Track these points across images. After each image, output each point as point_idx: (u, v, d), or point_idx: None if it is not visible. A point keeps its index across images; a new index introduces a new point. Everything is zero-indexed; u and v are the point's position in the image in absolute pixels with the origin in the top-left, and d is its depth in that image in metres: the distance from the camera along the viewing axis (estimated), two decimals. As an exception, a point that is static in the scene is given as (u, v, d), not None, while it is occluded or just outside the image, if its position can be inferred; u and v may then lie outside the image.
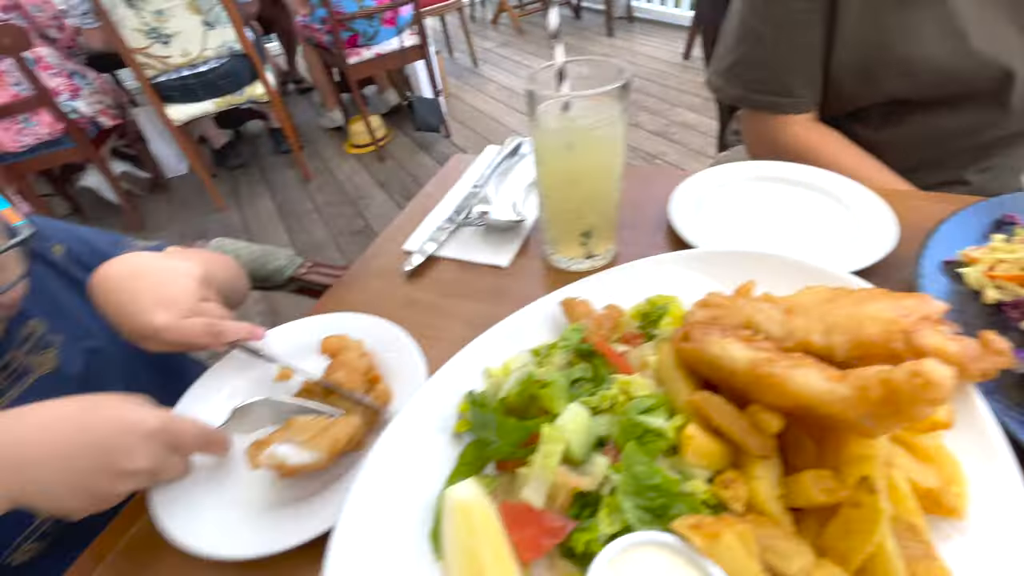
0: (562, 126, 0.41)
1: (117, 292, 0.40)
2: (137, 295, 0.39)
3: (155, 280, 0.40)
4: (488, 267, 0.52)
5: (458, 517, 0.27)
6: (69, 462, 0.29)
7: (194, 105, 2.22)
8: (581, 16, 4.25)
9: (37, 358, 0.44)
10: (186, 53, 2.09)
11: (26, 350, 0.44)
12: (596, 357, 0.33)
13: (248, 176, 2.78)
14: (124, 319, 0.39)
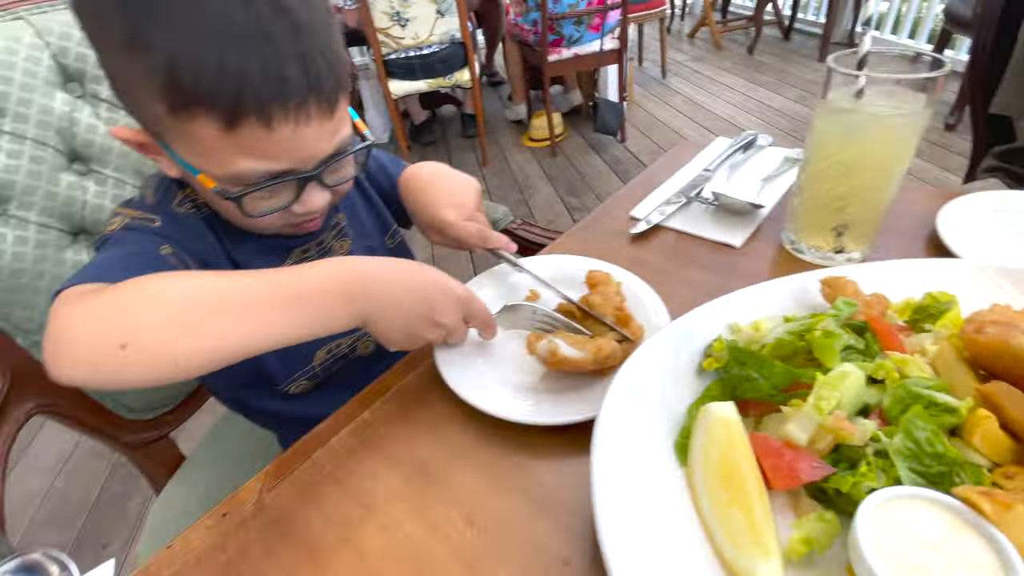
0: (852, 109, 0.41)
1: (421, 190, 0.50)
2: (436, 193, 0.49)
3: (450, 184, 0.49)
4: (718, 244, 0.53)
5: (719, 430, 0.29)
6: (403, 303, 0.37)
7: (410, 83, 2.53)
8: (791, 37, 3.96)
9: (338, 243, 0.56)
10: (416, 36, 2.39)
11: (333, 235, 0.55)
12: (867, 333, 0.33)
13: (436, 153, 3.09)
14: (422, 210, 0.49)
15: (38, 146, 0.59)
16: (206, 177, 0.39)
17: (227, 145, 0.36)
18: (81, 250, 0.63)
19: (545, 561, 0.30)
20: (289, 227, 0.46)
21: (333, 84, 0.38)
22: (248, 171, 0.38)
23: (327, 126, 0.39)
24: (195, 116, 0.35)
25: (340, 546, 0.32)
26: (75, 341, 0.32)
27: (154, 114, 0.36)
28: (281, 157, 0.38)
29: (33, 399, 0.62)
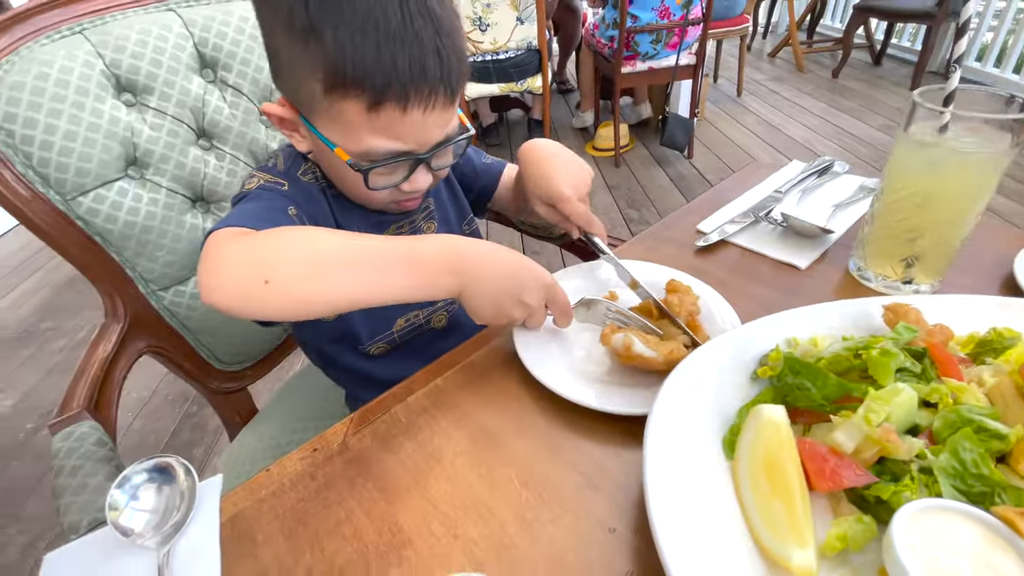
0: (934, 143, 0.42)
1: (539, 163, 0.55)
2: (555, 168, 0.53)
3: (567, 162, 0.54)
4: (783, 264, 0.54)
5: (768, 429, 0.32)
6: (497, 281, 0.42)
7: (484, 86, 2.61)
8: (882, 63, 3.77)
9: (426, 224, 0.62)
10: (495, 42, 2.47)
11: (422, 216, 0.62)
12: (926, 359, 0.34)
13: (501, 155, 3.15)
14: (539, 182, 0.54)
15: (175, 122, 0.68)
16: (342, 151, 0.45)
17: (366, 125, 0.43)
18: (198, 215, 0.72)
19: (592, 525, 0.34)
20: (393, 204, 0.53)
21: (458, 77, 0.44)
22: (378, 149, 0.45)
23: (446, 115, 0.46)
24: (347, 97, 0.42)
25: (412, 488, 0.37)
26: (228, 274, 0.38)
27: (310, 92, 0.43)
28: (407, 139, 0.45)
29: (145, 340, 0.72)
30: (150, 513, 0.36)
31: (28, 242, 2.72)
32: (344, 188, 0.53)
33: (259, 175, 0.52)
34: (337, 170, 0.50)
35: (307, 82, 0.43)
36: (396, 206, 0.54)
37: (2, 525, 1.37)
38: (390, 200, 0.52)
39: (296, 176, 0.53)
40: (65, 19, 0.62)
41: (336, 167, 0.49)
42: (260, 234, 0.40)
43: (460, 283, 0.41)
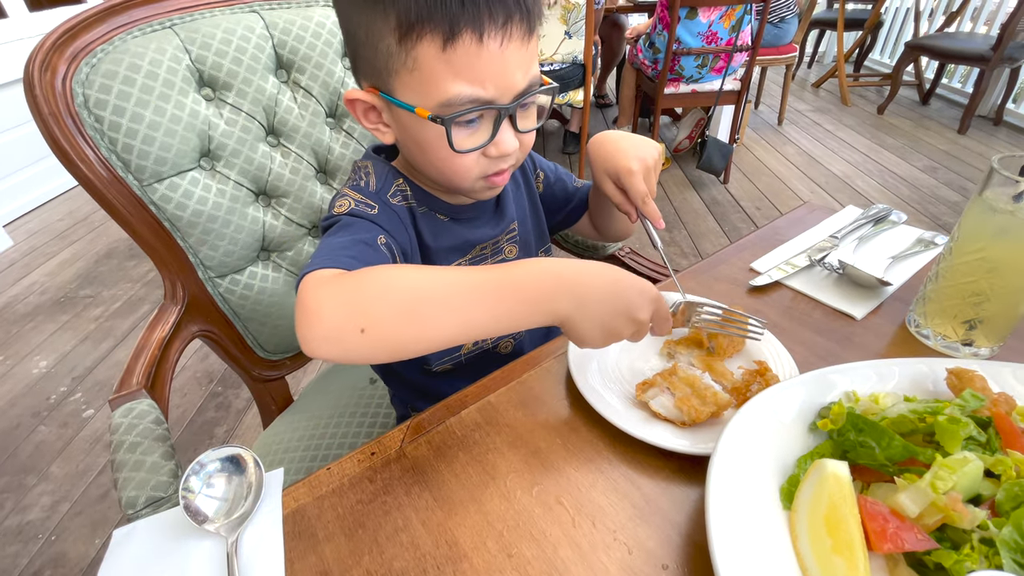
0: (1007, 210, 0.42)
1: (610, 142, 0.57)
2: (623, 143, 0.56)
3: (637, 144, 0.56)
4: (837, 312, 0.55)
5: (831, 483, 0.32)
6: (602, 302, 0.40)
7: (526, 95, 2.63)
8: (930, 103, 3.70)
9: (508, 246, 0.63)
10: (541, 54, 2.50)
11: (505, 238, 0.62)
12: (991, 428, 0.34)
13: (535, 162, 3.19)
14: (607, 157, 0.56)
15: (249, 118, 0.71)
16: (422, 110, 0.44)
17: (443, 68, 0.42)
18: (260, 208, 0.75)
19: (645, 559, 0.34)
20: (481, 182, 0.50)
21: (533, 10, 0.44)
22: (458, 95, 0.43)
23: (524, 53, 0.44)
24: (421, 38, 0.41)
25: (467, 502, 0.38)
26: (324, 324, 0.37)
27: (386, 52, 0.43)
28: (486, 82, 0.43)
29: (199, 324, 0.75)
30: (220, 500, 0.38)
31: (70, 212, 2.83)
32: (432, 170, 0.51)
33: (350, 195, 0.52)
34: (423, 148, 0.48)
35: (383, 40, 0.43)
36: (486, 184, 0.51)
37: (28, 485, 1.42)
38: (479, 174, 0.49)
39: (386, 199, 0.53)
40: (157, 14, 0.66)
41: (421, 143, 0.48)
42: (352, 278, 0.39)
43: (562, 310, 0.39)
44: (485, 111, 0.45)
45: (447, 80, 0.43)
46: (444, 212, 0.58)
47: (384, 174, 0.55)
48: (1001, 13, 3.48)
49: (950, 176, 2.74)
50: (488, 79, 0.43)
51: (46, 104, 0.58)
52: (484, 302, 0.38)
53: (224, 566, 0.35)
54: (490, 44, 0.42)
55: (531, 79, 0.46)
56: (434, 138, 0.46)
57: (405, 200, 0.55)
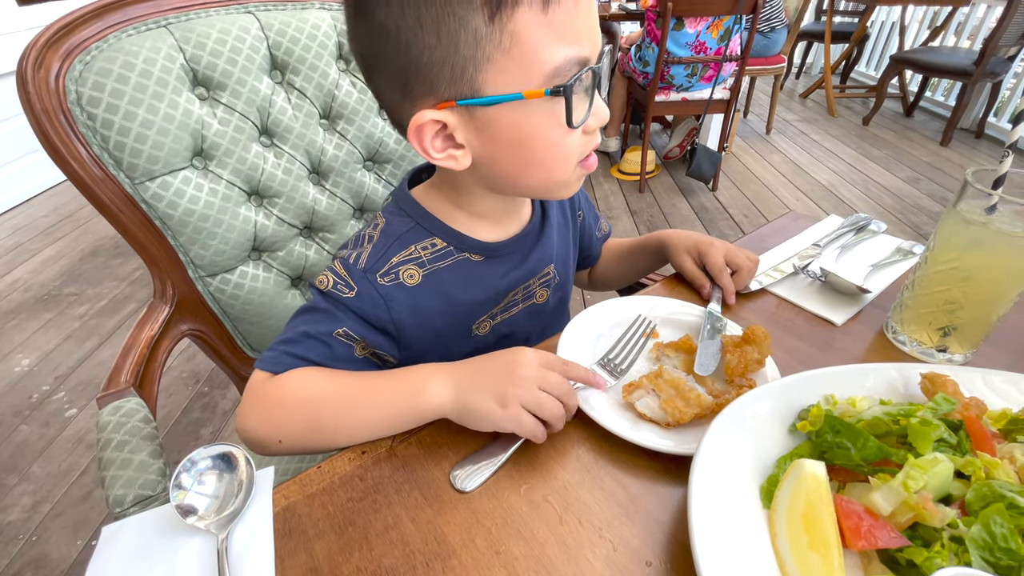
0: (980, 223, 0.44)
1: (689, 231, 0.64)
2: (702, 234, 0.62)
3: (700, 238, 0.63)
4: (818, 318, 0.56)
5: (808, 483, 0.33)
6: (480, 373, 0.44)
7: (519, 99, 2.65)
8: (913, 115, 3.79)
9: (540, 291, 0.61)
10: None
11: (539, 283, 0.60)
12: (962, 431, 0.36)
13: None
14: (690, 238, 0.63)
15: (242, 118, 0.71)
16: (530, 91, 0.40)
17: (546, 33, 0.38)
18: (251, 208, 0.75)
19: (629, 556, 0.35)
20: (577, 170, 0.47)
21: None
22: (566, 60, 0.39)
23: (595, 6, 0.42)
24: (518, 5, 0.38)
25: (456, 499, 0.39)
26: (251, 436, 0.47)
27: (473, 38, 0.38)
28: (582, 38, 0.40)
29: (188, 323, 0.74)
30: (210, 498, 0.38)
31: (55, 208, 2.79)
32: (533, 172, 0.46)
33: (335, 270, 0.50)
34: (525, 147, 0.44)
35: (466, 28, 0.38)
36: (581, 172, 0.48)
37: (9, 485, 1.40)
38: (579, 157, 0.46)
39: (374, 280, 0.49)
40: (152, 12, 0.66)
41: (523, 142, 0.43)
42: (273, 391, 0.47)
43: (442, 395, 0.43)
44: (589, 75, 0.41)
45: (552, 45, 0.39)
46: (479, 251, 0.54)
47: (388, 242, 0.51)
48: (984, 28, 3.57)
49: (932, 187, 2.81)
50: (585, 35, 0.40)
51: (39, 101, 0.58)
52: (375, 406, 0.45)
53: (214, 563, 0.35)
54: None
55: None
56: (541, 123, 0.42)
57: (418, 268, 0.52)
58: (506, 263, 0.56)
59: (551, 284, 0.62)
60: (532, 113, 0.41)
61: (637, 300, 0.58)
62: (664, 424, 0.43)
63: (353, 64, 0.79)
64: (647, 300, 0.57)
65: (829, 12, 3.61)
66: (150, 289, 2.20)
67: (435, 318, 0.53)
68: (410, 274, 0.51)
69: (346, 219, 0.85)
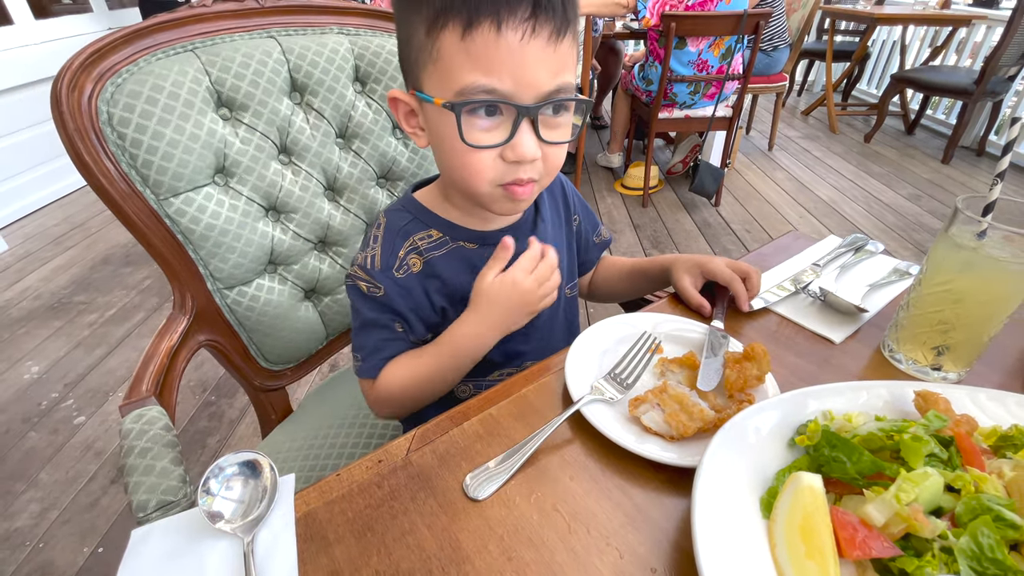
0: (971, 247, 0.46)
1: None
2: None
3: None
4: (818, 336, 0.58)
5: (806, 494, 0.35)
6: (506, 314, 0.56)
7: (524, 115, 2.69)
8: (915, 133, 3.82)
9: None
10: (540, 75, 2.56)
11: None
12: (952, 447, 0.38)
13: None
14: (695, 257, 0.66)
15: (263, 138, 0.74)
16: (439, 99, 0.45)
17: (462, 57, 0.43)
18: (269, 223, 0.78)
19: (635, 563, 0.37)
20: (500, 190, 0.50)
21: (563, 10, 0.44)
22: (472, 84, 0.43)
23: (550, 55, 0.44)
24: (445, 27, 0.43)
25: (469, 507, 0.41)
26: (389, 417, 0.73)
27: (419, 46, 0.46)
28: (503, 74, 0.43)
29: (206, 334, 0.77)
30: (236, 503, 0.40)
31: (66, 217, 2.83)
32: (451, 170, 0.52)
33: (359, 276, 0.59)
34: (442, 144, 0.50)
35: (416, 34, 0.46)
36: (504, 194, 0.50)
37: (17, 491, 1.41)
38: (495, 179, 0.49)
39: (391, 275, 0.58)
40: (180, 37, 0.69)
41: (441, 139, 0.49)
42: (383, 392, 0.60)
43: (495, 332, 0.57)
44: (505, 108, 0.45)
45: (464, 69, 0.43)
46: (473, 240, 0.60)
47: (392, 237, 0.59)
48: (985, 47, 3.62)
49: (933, 204, 2.83)
50: (505, 71, 0.43)
51: (72, 120, 0.61)
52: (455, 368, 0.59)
53: (240, 565, 0.37)
54: (509, 35, 0.42)
55: (560, 83, 0.45)
56: (450, 132, 0.46)
57: (418, 255, 0.59)
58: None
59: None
60: (444, 120, 0.47)
61: (642, 317, 0.60)
62: (668, 437, 0.45)
63: (368, 86, 0.82)
64: (652, 317, 0.60)
65: (831, 31, 3.67)
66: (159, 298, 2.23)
67: (438, 301, 0.61)
68: (414, 261, 0.59)
69: (359, 234, 0.87)
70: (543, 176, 0.51)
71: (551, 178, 0.53)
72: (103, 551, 1.25)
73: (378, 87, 0.82)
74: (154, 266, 2.33)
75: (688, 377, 0.52)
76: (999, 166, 0.45)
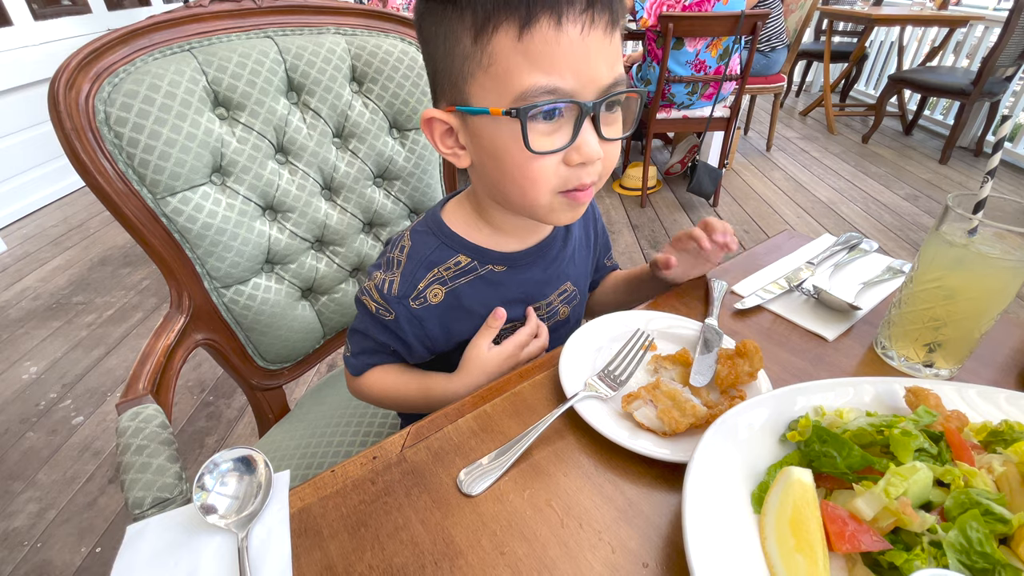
0: (962, 244, 0.46)
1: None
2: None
3: None
4: (811, 333, 0.58)
5: (796, 488, 0.35)
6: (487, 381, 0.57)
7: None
8: (912, 133, 3.83)
9: (563, 308, 0.65)
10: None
11: (560, 300, 0.64)
12: (942, 442, 0.38)
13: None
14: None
15: (259, 137, 0.75)
16: (496, 109, 0.42)
17: (520, 59, 0.41)
18: (266, 222, 0.78)
19: (627, 558, 0.37)
20: (561, 198, 0.48)
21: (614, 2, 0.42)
22: (534, 86, 0.41)
23: (607, 47, 0.43)
24: (497, 29, 0.40)
25: (462, 502, 0.41)
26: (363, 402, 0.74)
27: (463, 52, 0.43)
28: (565, 71, 0.41)
29: (203, 333, 0.77)
30: (231, 498, 0.40)
31: (65, 218, 2.83)
32: (509, 185, 0.48)
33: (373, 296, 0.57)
34: (498, 158, 0.46)
35: (459, 43, 0.43)
36: (565, 202, 0.48)
37: (15, 491, 1.41)
38: (558, 186, 0.47)
39: (407, 304, 0.56)
40: (177, 37, 0.69)
41: (497, 153, 0.46)
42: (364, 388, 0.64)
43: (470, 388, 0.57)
44: (566, 107, 0.43)
45: (523, 71, 0.41)
46: (501, 262, 0.58)
47: (415, 267, 0.56)
48: (983, 46, 3.63)
49: (931, 205, 2.84)
50: (567, 68, 0.41)
51: (69, 120, 0.61)
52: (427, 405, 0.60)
53: (234, 560, 0.37)
54: (569, 29, 0.40)
55: (617, 76, 0.44)
56: (510, 141, 0.44)
57: (442, 286, 0.57)
58: (527, 271, 0.60)
59: (571, 301, 0.66)
60: (502, 129, 0.44)
61: (636, 314, 0.60)
62: (661, 433, 0.45)
63: (365, 86, 0.83)
64: (645, 315, 0.60)
65: (828, 32, 3.68)
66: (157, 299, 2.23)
67: (459, 330, 0.59)
68: (435, 293, 0.57)
69: (356, 233, 0.88)
70: (601, 178, 0.49)
71: (606, 178, 0.50)
72: (100, 551, 1.26)
73: (375, 87, 0.83)
74: (152, 267, 2.34)
75: (681, 374, 0.52)
76: (989, 164, 0.45)
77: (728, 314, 0.62)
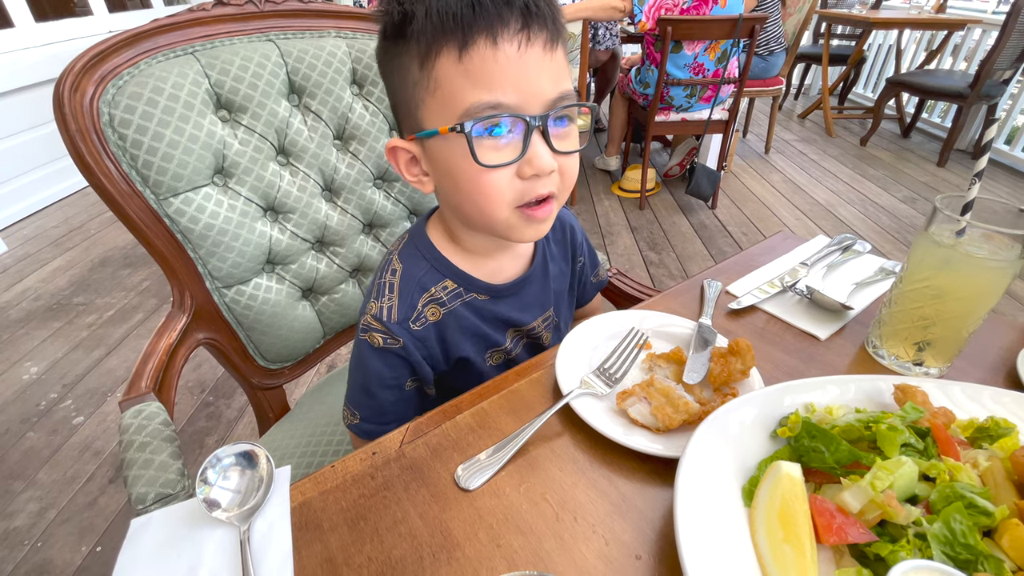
0: (950, 245, 0.47)
1: None
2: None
3: None
4: (804, 333, 0.59)
5: (785, 482, 0.36)
6: None
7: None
8: (910, 136, 3.84)
9: (544, 334, 0.66)
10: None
11: (543, 327, 0.66)
12: (928, 437, 0.39)
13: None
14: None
15: (261, 139, 0.76)
16: (444, 128, 0.44)
17: (462, 79, 0.43)
18: (267, 223, 0.79)
19: (620, 550, 0.38)
20: (519, 214, 0.49)
21: (552, 19, 0.44)
22: (477, 103, 0.43)
23: (550, 62, 0.44)
24: (440, 54, 0.43)
25: (460, 497, 0.42)
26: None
27: (413, 82, 0.45)
28: (506, 87, 0.43)
29: (204, 332, 0.78)
30: (233, 492, 0.41)
31: (65, 219, 2.84)
32: (466, 203, 0.49)
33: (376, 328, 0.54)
34: (453, 176, 0.48)
35: (410, 73, 0.45)
36: (523, 218, 0.49)
37: (15, 491, 1.42)
38: (514, 200, 0.48)
39: (408, 327, 0.55)
40: (181, 40, 0.70)
41: (451, 172, 0.47)
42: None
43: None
44: (512, 121, 0.44)
45: (466, 90, 0.43)
46: (484, 292, 0.59)
47: (410, 289, 0.56)
48: (980, 50, 3.65)
49: (929, 207, 2.85)
50: (508, 84, 0.43)
51: (74, 121, 0.62)
52: None
53: (236, 553, 0.38)
54: (506, 47, 0.42)
55: (563, 91, 0.45)
56: (461, 159, 0.45)
57: (439, 306, 0.57)
58: (509, 303, 0.61)
59: (552, 327, 0.67)
60: (454, 148, 0.46)
61: (631, 314, 0.61)
62: (655, 429, 0.46)
63: (366, 88, 0.84)
64: (640, 314, 0.61)
65: (827, 35, 3.69)
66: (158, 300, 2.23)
67: (455, 347, 0.59)
68: (432, 312, 0.57)
69: (356, 234, 0.88)
70: (561, 191, 0.50)
71: (567, 193, 0.51)
72: (101, 550, 1.26)
73: (375, 90, 0.84)
74: (153, 268, 2.35)
75: (675, 372, 0.53)
76: (977, 166, 0.46)
77: (722, 314, 0.63)
